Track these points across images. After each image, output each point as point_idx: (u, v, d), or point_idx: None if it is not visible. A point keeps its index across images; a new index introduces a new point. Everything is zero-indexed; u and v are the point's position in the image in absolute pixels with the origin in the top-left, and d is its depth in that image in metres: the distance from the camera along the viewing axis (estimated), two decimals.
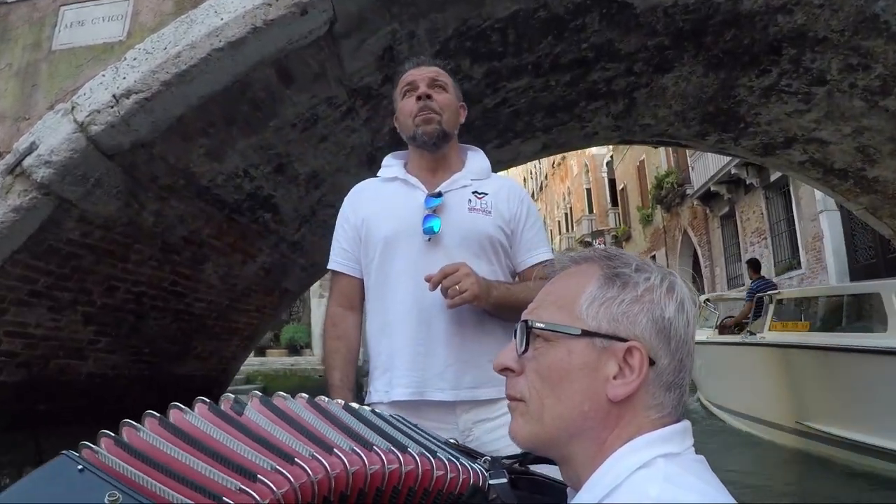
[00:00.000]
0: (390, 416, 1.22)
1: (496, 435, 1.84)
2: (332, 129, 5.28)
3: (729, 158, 17.25)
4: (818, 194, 14.47)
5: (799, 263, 15.41)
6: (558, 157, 44.55)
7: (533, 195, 53.58)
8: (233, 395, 1.06)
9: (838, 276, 13.90)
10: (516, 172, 60.96)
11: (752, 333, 8.84)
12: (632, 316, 0.87)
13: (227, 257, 6.08)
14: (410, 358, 1.90)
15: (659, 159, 25.19)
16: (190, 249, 5.60)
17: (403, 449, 1.03)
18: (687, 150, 21.85)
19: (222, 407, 1.02)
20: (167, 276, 5.68)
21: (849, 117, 7.64)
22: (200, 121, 4.48)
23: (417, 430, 1.21)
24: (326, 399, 1.18)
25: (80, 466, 0.84)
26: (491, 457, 1.16)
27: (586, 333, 0.87)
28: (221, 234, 5.72)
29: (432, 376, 1.88)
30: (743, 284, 18.16)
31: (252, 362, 15.00)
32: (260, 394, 1.08)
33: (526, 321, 0.91)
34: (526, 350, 0.90)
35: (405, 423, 1.22)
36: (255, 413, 1.02)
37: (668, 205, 23.87)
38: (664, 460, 0.80)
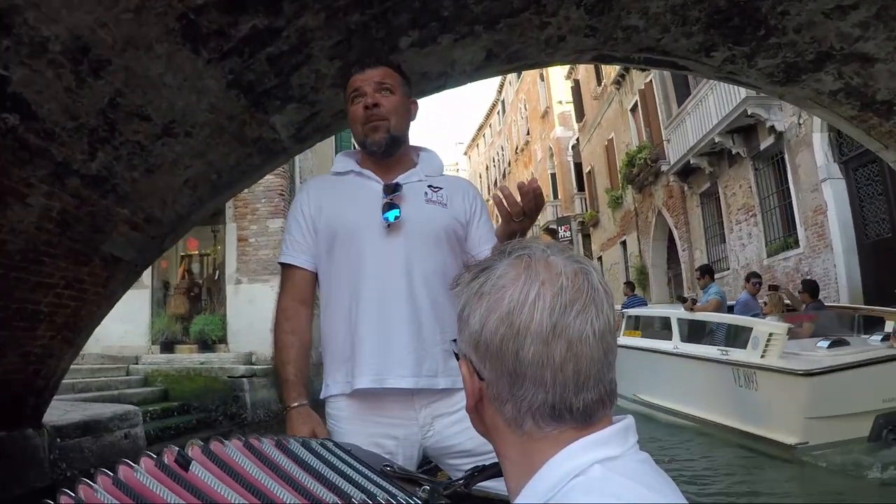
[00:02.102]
0: (319, 444, 1.24)
1: (455, 430, 1.92)
2: None
3: (713, 125, 15.15)
4: (820, 160, 12.41)
5: (796, 242, 13.32)
6: (522, 142, 42.45)
7: (495, 183, 51.55)
8: (176, 448, 1.06)
9: (846, 254, 11.86)
10: (478, 161, 58.89)
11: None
12: (460, 332, 0.89)
13: None
14: (373, 346, 1.90)
15: (630, 136, 23.09)
16: None
17: (348, 499, 1.08)
18: (661, 122, 19.75)
19: (166, 461, 1.02)
20: None
21: None
22: None
23: (351, 463, 1.22)
24: (260, 438, 1.16)
25: None
26: (431, 484, 1.18)
27: (456, 350, 0.92)
28: None
29: (393, 363, 1.89)
30: (728, 269, 16.13)
31: (157, 360, 12.50)
32: (201, 443, 1.09)
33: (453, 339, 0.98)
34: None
35: (339, 453, 1.24)
36: (200, 468, 1.02)
37: (640, 184, 21.73)
38: (601, 467, 0.78)
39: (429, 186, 2.05)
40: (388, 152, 2.02)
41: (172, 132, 4.30)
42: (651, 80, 20.60)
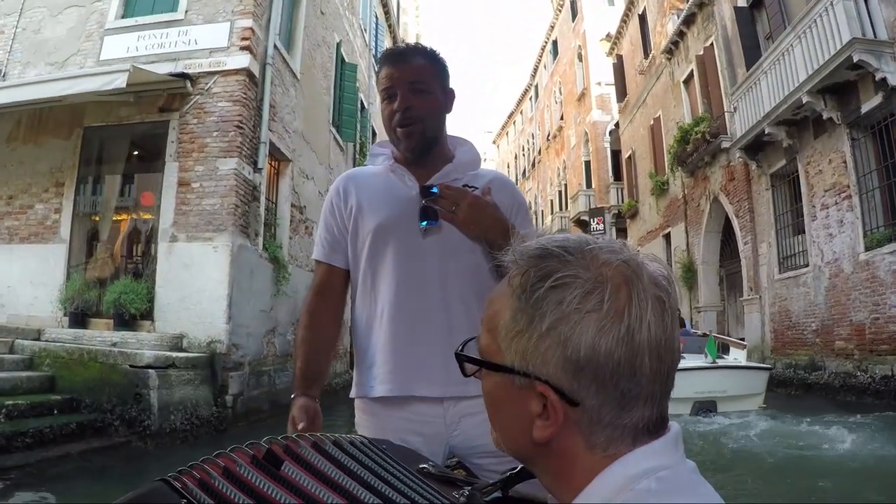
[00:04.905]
0: (361, 442, 1.22)
1: (483, 430, 1.79)
2: None
3: (800, 82, 11.88)
4: None
5: None
6: (555, 128, 39.17)
7: (524, 173, 48.40)
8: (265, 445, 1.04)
9: None
10: (507, 150, 55.68)
11: None
12: (540, 353, 0.74)
13: None
14: (399, 352, 1.85)
15: (682, 111, 19.80)
16: None
17: (414, 502, 1.07)
18: (724, 91, 16.47)
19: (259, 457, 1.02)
20: None
21: None
22: None
23: (392, 464, 1.20)
24: (323, 437, 1.17)
25: None
26: (471, 488, 1.16)
27: (500, 368, 0.78)
28: None
29: (422, 372, 1.82)
30: (808, 265, 12.87)
31: (62, 336, 9.48)
32: (282, 441, 1.08)
33: (459, 349, 0.88)
34: (476, 371, 0.85)
35: (378, 453, 1.22)
36: (292, 469, 1.02)
37: (692, 166, 18.42)
38: (656, 482, 0.71)
39: (464, 185, 1.91)
40: (422, 155, 1.94)
41: None
42: (712, 44, 17.37)
